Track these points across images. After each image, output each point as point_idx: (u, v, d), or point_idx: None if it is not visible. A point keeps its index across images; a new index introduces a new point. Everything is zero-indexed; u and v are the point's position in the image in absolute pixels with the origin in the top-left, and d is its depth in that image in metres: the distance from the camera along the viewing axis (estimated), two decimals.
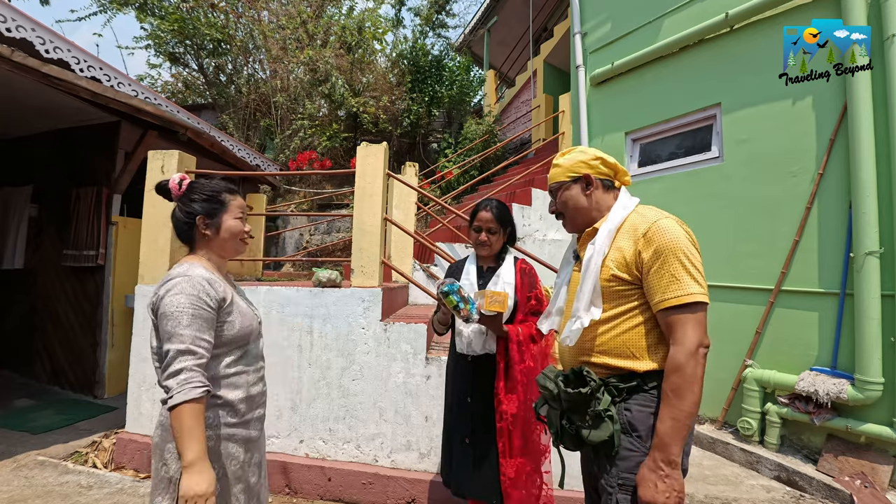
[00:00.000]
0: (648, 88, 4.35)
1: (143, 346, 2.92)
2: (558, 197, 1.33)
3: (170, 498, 1.18)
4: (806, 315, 3.14)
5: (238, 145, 6.04)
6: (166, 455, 1.19)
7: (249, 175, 4.92)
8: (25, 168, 4.75)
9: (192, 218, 1.28)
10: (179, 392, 1.07)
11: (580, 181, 1.28)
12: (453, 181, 7.27)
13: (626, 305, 1.16)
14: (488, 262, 1.90)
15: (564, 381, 1.19)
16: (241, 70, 9.48)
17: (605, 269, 1.17)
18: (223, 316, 1.24)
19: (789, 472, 2.90)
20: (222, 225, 1.31)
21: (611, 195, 1.29)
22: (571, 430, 1.18)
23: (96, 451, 2.96)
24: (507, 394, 1.70)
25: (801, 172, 3.20)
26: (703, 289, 1.07)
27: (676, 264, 1.08)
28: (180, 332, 1.12)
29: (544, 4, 9.11)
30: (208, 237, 1.30)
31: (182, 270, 1.21)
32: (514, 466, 1.68)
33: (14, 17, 3.37)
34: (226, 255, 1.35)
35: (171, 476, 1.18)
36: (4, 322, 4.86)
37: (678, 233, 1.11)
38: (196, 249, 1.32)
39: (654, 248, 1.10)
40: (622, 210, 1.23)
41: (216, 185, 1.34)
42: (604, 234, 1.20)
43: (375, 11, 9.13)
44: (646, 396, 1.13)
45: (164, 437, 1.21)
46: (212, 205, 1.30)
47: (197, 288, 1.17)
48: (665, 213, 1.19)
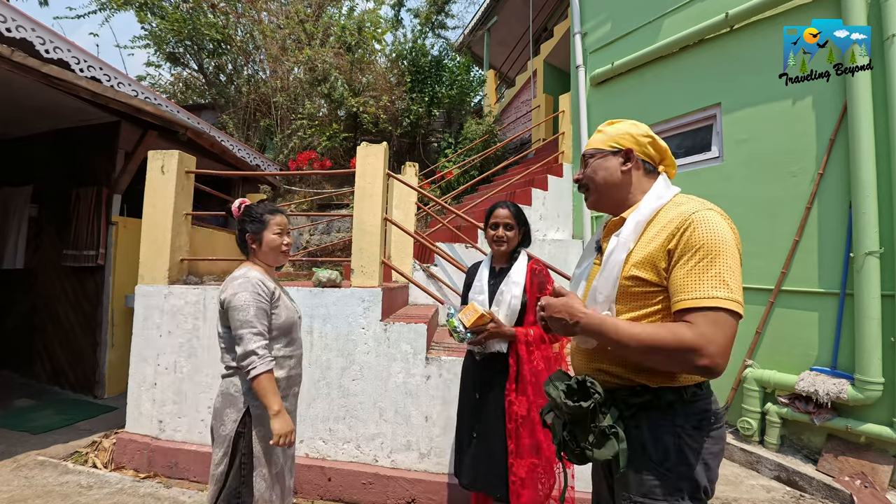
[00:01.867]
0: (648, 88, 4.35)
1: (143, 346, 2.92)
2: (590, 163, 1.16)
3: (223, 451, 1.50)
4: (806, 315, 3.14)
5: (238, 145, 6.04)
6: (224, 417, 1.52)
7: (249, 175, 4.92)
8: (25, 168, 4.75)
9: (244, 235, 1.66)
10: (260, 364, 1.45)
11: (620, 154, 1.12)
12: (453, 181, 7.26)
13: (646, 309, 1.02)
14: (501, 263, 1.93)
15: (567, 390, 1.06)
16: (241, 70, 9.48)
17: (627, 267, 1.03)
18: (273, 308, 1.59)
19: (789, 472, 2.90)
20: (264, 240, 1.65)
21: (649, 180, 1.13)
22: (573, 445, 1.06)
23: (96, 451, 2.96)
24: (518, 395, 1.71)
25: (801, 172, 3.20)
26: (734, 295, 0.90)
27: (706, 261, 0.92)
28: (250, 320, 1.48)
29: (544, 4, 9.11)
30: (255, 249, 1.66)
31: (242, 273, 1.58)
32: (524, 467, 1.68)
33: (14, 17, 3.37)
34: (270, 263, 1.70)
35: (226, 433, 1.51)
36: (4, 322, 4.86)
37: (720, 227, 0.95)
38: (250, 258, 1.69)
39: (690, 241, 0.94)
40: (656, 200, 1.06)
41: (262, 208, 1.69)
42: (630, 226, 1.05)
43: (375, 12, 9.13)
44: (659, 414, 1.00)
45: (225, 403, 1.54)
46: (257, 224, 1.65)
47: (256, 286, 1.54)
48: (708, 203, 1.02)
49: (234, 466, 1.50)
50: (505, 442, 1.72)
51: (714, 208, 1.00)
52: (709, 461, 0.99)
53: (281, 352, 1.61)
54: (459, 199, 6.78)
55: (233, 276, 1.59)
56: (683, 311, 0.93)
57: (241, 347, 1.46)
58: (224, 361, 1.59)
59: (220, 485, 1.50)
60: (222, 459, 1.50)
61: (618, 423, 1.01)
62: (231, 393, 1.53)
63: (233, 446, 1.50)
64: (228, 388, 1.54)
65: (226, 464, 1.50)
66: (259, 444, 1.52)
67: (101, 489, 2.52)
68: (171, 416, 2.84)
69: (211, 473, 1.53)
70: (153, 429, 2.86)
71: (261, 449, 1.52)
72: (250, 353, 1.45)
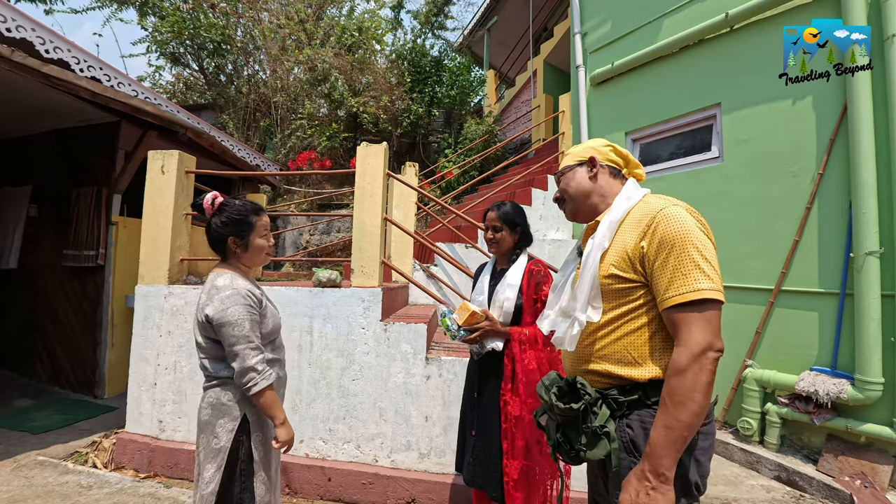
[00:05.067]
0: (648, 88, 4.35)
1: (143, 346, 2.92)
2: (561, 181, 1.25)
3: (217, 465, 1.42)
4: (806, 315, 3.13)
5: (238, 145, 6.04)
6: (217, 430, 1.45)
7: (249, 175, 4.92)
8: (25, 168, 4.75)
9: (224, 238, 1.51)
10: (262, 380, 1.41)
11: (585, 164, 1.21)
12: (453, 181, 7.27)
13: (627, 306, 1.06)
14: (502, 264, 1.94)
15: (558, 392, 1.09)
16: (241, 70, 9.48)
17: (604, 267, 1.08)
18: (260, 317, 1.50)
19: (789, 472, 2.90)
20: (251, 244, 1.54)
21: (618, 182, 1.20)
22: (567, 446, 1.08)
23: (96, 451, 2.96)
24: (513, 395, 1.73)
25: (801, 172, 3.20)
26: (715, 284, 0.95)
27: (683, 256, 0.96)
28: (247, 335, 1.41)
29: (544, 4, 9.11)
30: (238, 254, 1.54)
31: (227, 283, 1.45)
32: (516, 468, 1.69)
33: (14, 17, 3.37)
34: (252, 266, 1.60)
35: (220, 446, 1.43)
36: (4, 322, 4.86)
37: (687, 221, 1.00)
38: (228, 259, 1.56)
39: (660, 238, 0.99)
40: (626, 201, 1.12)
41: (243, 207, 1.54)
42: (604, 228, 1.10)
43: (375, 13, 9.14)
44: (649, 412, 1.02)
45: (215, 415, 1.46)
46: (241, 227, 1.51)
47: (247, 298, 1.45)
48: (674, 200, 1.08)
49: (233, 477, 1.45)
50: (500, 441, 1.74)
51: (680, 204, 1.05)
52: (699, 457, 1.02)
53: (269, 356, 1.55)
54: (459, 199, 6.79)
55: (215, 285, 1.45)
56: (672, 309, 0.97)
57: (239, 364, 1.40)
58: (208, 372, 1.50)
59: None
60: (214, 476, 1.41)
61: (609, 422, 1.03)
62: (224, 402, 1.46)
63: (229, 456, 1.44)
64: (220, 398, 1.46)
65: (218, 480, 1.41)
66: (259, 450, 1.48)
67: (101, 489, 2.52)
68: (171, 416, 2.84)
69: (199, 494, 1.42)
70: (153, 429, 2.86)
71: (261, 454, 1.49)
72: (249, 369, 1.40)
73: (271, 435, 1.51)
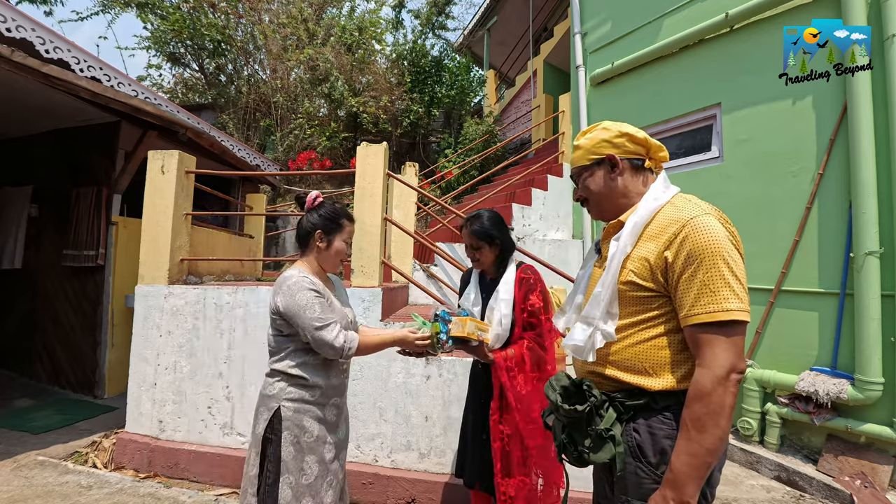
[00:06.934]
0: (648, 88, 4.35)
1: (143, 346, 2.92)
2: (580, 182, 1.17)
3: (256, 452, 1.47)
4: (806, 315, 3.13)
5: (238, 145, 6.04)
6: (259, 416, 1.49)
7: (249, 175, 4.92)
8: (25, 168, 4.75)
9: (313, 229, 1.57)
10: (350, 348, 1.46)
11: (604, 163, 1.11)
12: (453, 181, 7.27)
13: (643, 315, 1.01)
14: (490, 273, 1.87)
15: (564, 393, 1.06)
16: (242, 70, 9.48)
17: (624, 272, 1.03)
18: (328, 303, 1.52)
19: (789, 472, 2.90)
20: (333, 244, 1.58)
21: (640, 178, 1.11)
22: (571, 448, 1.06)
23: (96, 451, 2.96)
24: (504, 414, 1.67)
25: (801, 172, 3.20)
26: (744, 304, 0.90)
27: (713, 272, 0.90)
28: (319, 314, 1.44)
29: (544, 4, 9.10)
30: (319, 249, 1.58)
31: (294, 274, 1.51)
32: (513, 486, 1.63)
33: (14, 17, 3.37)
34: (326, 268, 1.63)
35: (258, 433, 1.47)
36: (4, 322, 4.86)
37: (719, 233, 0.93)
38: (306, 255, 1.61)
39: (688, 250, 0.93)
40: (653, 202, 1.04)
41: (339, 210, 1.62)
42: (628, 230, 1.04)
43: (376, 13, 9.14)
44: (657, 418, 0.99)
45: (260, 402, 1.51)
46: (331, 224, 1.58)
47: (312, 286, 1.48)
48: (707, 205, 1.00)
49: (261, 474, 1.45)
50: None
51: (712, 212, 0.99)
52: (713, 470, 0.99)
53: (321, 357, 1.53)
54: (459, 199, 6.78)
55: (285, 277, 1.51)
56: (697, 327, 0.92)
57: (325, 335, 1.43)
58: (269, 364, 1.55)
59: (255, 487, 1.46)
60: (255, 460, 1.46)
61: (615, 425, 1.00)
62: (267, 393, 1.50)
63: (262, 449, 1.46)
64: (266, 388, 1.51)
65: (258, 465, 1.46)
66: (288, 450, 1.44)
67: (101, 489, 2.52)
68: (171, 416, 2.84)
69: (245, 473, 1.50)
70: (153, 429, 2.86)
71: (290, 454, 1.44)
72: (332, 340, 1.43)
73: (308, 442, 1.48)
